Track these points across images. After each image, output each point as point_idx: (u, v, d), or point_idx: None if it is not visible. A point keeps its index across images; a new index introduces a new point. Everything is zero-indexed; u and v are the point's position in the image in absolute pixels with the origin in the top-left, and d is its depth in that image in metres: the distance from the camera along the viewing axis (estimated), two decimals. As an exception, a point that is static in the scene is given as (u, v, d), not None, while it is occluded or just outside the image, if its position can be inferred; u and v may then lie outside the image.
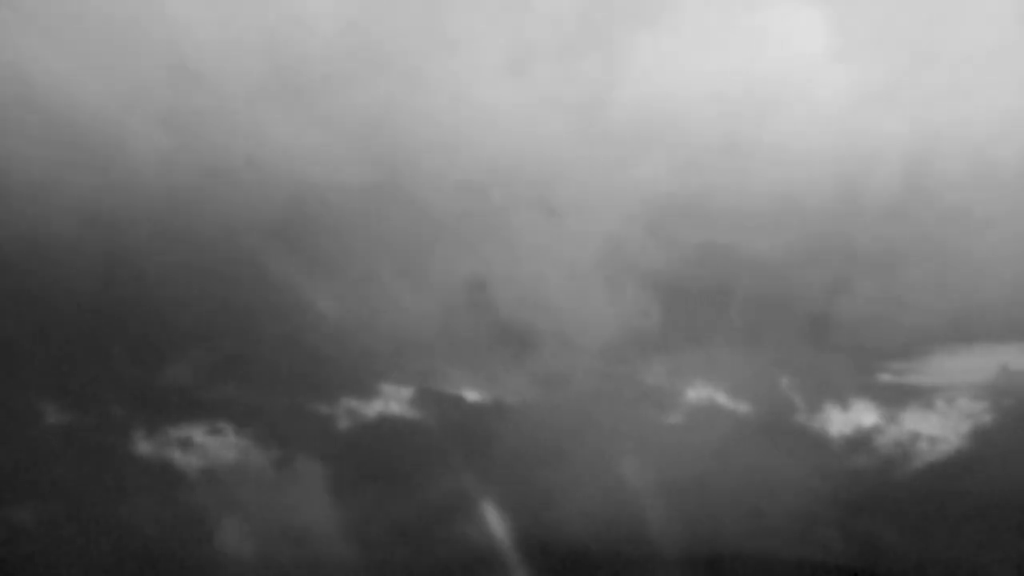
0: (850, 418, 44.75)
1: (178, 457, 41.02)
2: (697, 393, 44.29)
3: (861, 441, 44.99)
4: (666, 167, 43.66)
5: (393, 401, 43.55)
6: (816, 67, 45.85)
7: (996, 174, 43.15)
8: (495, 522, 40.02)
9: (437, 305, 41.39)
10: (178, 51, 36.57)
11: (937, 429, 45.44)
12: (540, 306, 41.70)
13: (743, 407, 44.31)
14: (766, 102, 45.57)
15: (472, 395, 44.16)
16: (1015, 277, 41.96)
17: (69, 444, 38.03)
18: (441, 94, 41.94)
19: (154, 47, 36.64)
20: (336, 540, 39.70)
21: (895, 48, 47.76)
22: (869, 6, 48.64)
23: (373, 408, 43.51)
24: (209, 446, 41.44)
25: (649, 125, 44.36)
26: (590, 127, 43.97)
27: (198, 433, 41.38)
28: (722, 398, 44.19)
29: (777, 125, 44.85)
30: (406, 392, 43.52)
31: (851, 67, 46.03)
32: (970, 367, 46.82)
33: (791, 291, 43.87)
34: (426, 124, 40.93)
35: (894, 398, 46.04)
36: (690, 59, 45.82)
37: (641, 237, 43.00)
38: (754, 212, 43.36)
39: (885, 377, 46.86)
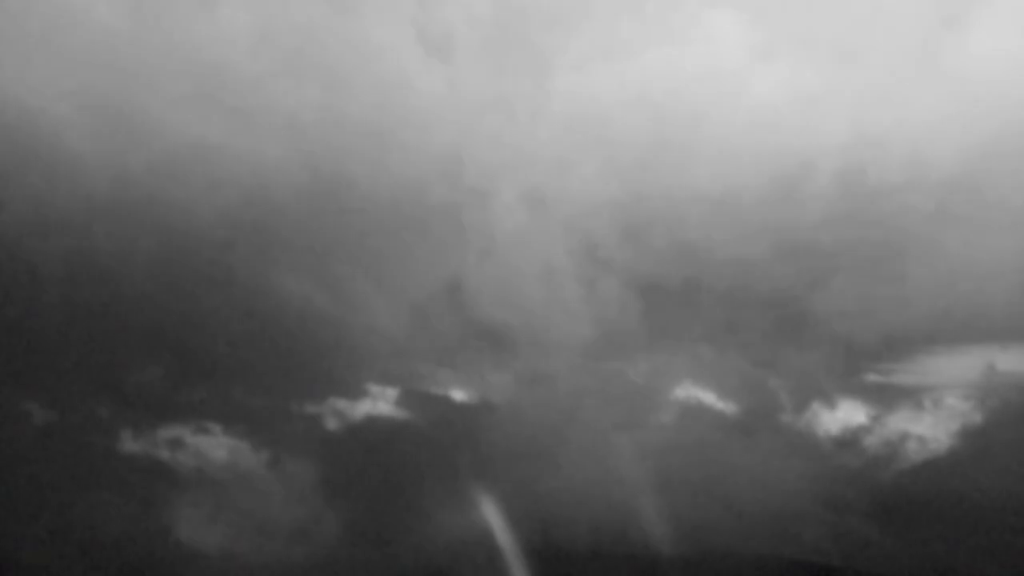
0: (837, 417, 44.93)
1: (166, 456, 41.13)
2: (684, 392, 44.44)
3: (849, 441, 45.17)
4: (602, 169, 44.38)
5: (381, 401, 43.65)
6: (741, 69, 46.61)
7: (931, 175, 43.94)
8: (485, 519, 40.02)
9: (412, 306, 41.74)
10: (115, 55, 37.53)
11: (924, 429, 45.71)
12: (513, 304, 42.03)
13: (730, 406, 44.47)
14: (695, 104, 46.31)
15: (459, 395, 44.34)
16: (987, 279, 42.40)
17: (55, 443, 38.05)
18: (367, 98, 42.82)
19: (92, 52, 37.56)
20: (326, 539, 39.72)
21: (819, 49, 48.58)
22: (783, 8, 49.48)
23: (361, 408, 43.57)
24: (197, 446, 41.59)
25: (584, 127, 45.48)
26: (523, 129, 44.76)
27: (186, 433, 41.57)
28: (709, 398, 44.34)
29: (708, 127, 45.54)
30: (392, 392, 43.65)
31: (777, 68, 46.81)
32: (956, 367, 47.12)
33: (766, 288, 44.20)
34: (358, 127, 41.70)
35: (881, 398, 46.32)
36: (614, 63, 46.66)
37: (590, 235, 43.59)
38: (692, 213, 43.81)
39: (872, 377, 47.11)
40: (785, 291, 43.75)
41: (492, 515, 39.92)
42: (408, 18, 44.61)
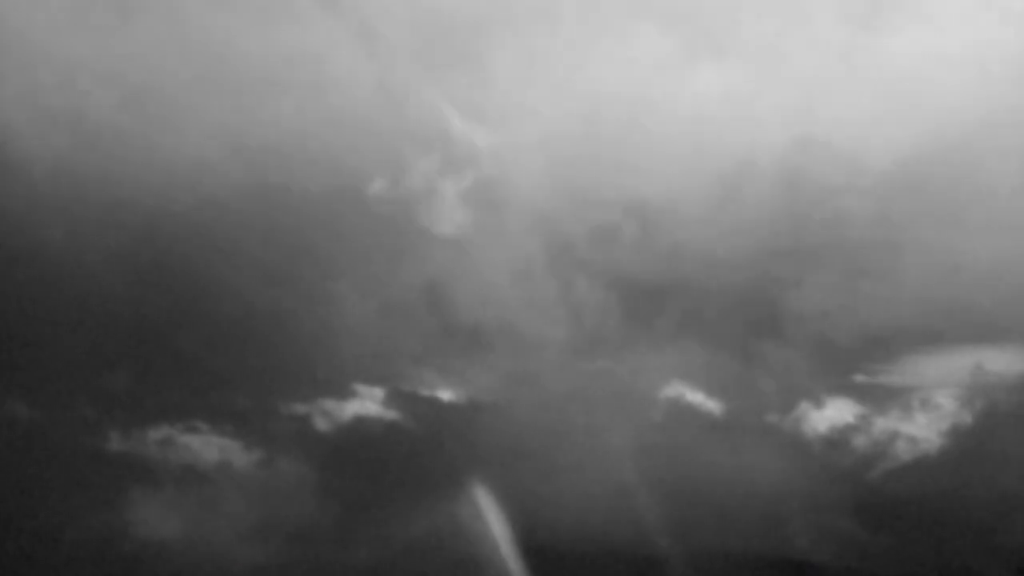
0: (825, 417, 44.97)
1: (155, 456, 41.15)
2: (673, 391, 44.46)
3: (837, 440, 45.18)
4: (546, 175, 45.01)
5: (369, 401, 43.68)
6: (669, 75, 47.07)
7: (866, 177, 44.34)
8: (478, 518, 40.07)
9: (387, 306, 42.07)
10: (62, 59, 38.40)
11: (913, 428, 45.68)
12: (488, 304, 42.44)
13: (718, 406, 44.51)
14: (627, 113, 46.59)
15: (447, 395, 44.35)
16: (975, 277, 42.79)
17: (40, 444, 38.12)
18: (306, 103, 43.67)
19: (38, 55, 38.34)
20: (321, 540, 39.73)
21: (742, 53, 48.79)
22: (699, 13, 49.64)
23: (349, 409, 43.62)
24: (188, 445, 41.67)
25: (525, 137, 45.89)
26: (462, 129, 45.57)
27: (175, 433, 41.60)
28: (698, 397, 44.34)
29: (641, 135, 45.85)
30: (380, 393, 43.70)
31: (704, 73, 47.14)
32: (945, 368, 47.21)
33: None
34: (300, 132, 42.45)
35: (870, 398, 46.33)
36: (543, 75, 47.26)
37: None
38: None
39: (860, 378, 47.20)
40: (764, 290, 44.16)
41: (486, 514, 40.00)
42: (344, 21, 45.27)
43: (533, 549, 40.24)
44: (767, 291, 44.58)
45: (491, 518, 40.22)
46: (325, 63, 43.65)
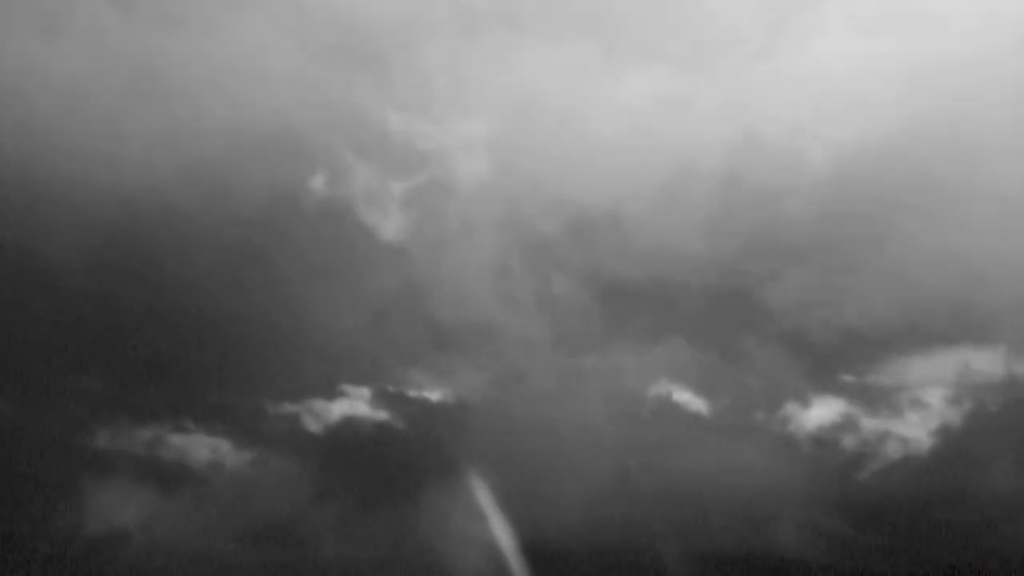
0: (812, 416, 45.12)
1: (143, 454, 41.16)
2: (661, 389, 44.61)
3: (825, 439, 45.32)
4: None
5: (357, 401, 43.82)
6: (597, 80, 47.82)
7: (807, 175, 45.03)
8: (472, 517, 40.08)
9: (365, 307, 42.61)
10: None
11: (901, 428, 45.88)
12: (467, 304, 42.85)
13: (706, 404, 44.62)
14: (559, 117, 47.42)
15: (435, 395, 44.52)
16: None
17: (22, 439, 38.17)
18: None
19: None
20: (309, 540, 39.70)
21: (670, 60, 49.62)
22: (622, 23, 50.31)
23: (338, 409, 43.72)
24: (178, 445, 41.73)
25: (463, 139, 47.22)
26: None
27: (165, 432, 41.70)
28: (685, 396, 44.49)
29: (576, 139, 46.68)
30: (368, 393, 43.88)
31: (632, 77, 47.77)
32: (932, 368, 47.44)
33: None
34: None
35: (858, 397, 46.54)
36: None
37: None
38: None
39: (847, 377, 47.41)
40: (745, 288, 44.59)
41: (478, 512, 39.97)
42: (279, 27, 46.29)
43: (526, 546, 40.17)
44: (746, 290, 44.97)
45: (483, 516, 40.17)
46: (261, 67, 45.03)
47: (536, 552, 40.02)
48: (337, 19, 48.17)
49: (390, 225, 44.91)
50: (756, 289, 45.16)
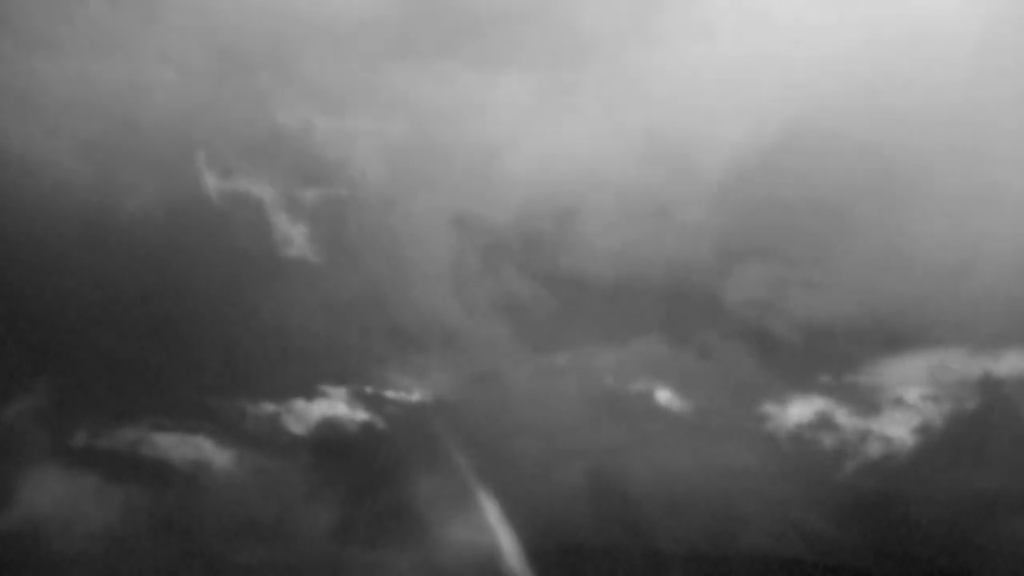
0: (792, 415, 45.35)
1: (126, 453, 41.22)
2: (639, 388, 44.85)
3: (807, 438, 45.50)
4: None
5: (337, 401, 44.04)
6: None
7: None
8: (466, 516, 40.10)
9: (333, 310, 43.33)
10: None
11: (883, 427, 46.07)
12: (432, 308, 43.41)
13: (687, 403, 44.85)
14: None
15: (415, 395, 44.82)
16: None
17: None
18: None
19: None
20: (298, 538, 39.70)
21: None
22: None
23: (318, 409, 43.92)
24: (160, 444, 41.85)
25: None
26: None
27: (146, 432, 41.81)
28: (665, 395, 44.72)
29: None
30: (346, 393, 44.11)
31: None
32: (910, 368, 47.77)
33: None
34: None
35: (838, 396, 46.79)
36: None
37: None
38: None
39: (825, 377, 47.70)
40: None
41: (466, 512, 39.98)
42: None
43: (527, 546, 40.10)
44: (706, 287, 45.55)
45: (470, 515, 40.15)
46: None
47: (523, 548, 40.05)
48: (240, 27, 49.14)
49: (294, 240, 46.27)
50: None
